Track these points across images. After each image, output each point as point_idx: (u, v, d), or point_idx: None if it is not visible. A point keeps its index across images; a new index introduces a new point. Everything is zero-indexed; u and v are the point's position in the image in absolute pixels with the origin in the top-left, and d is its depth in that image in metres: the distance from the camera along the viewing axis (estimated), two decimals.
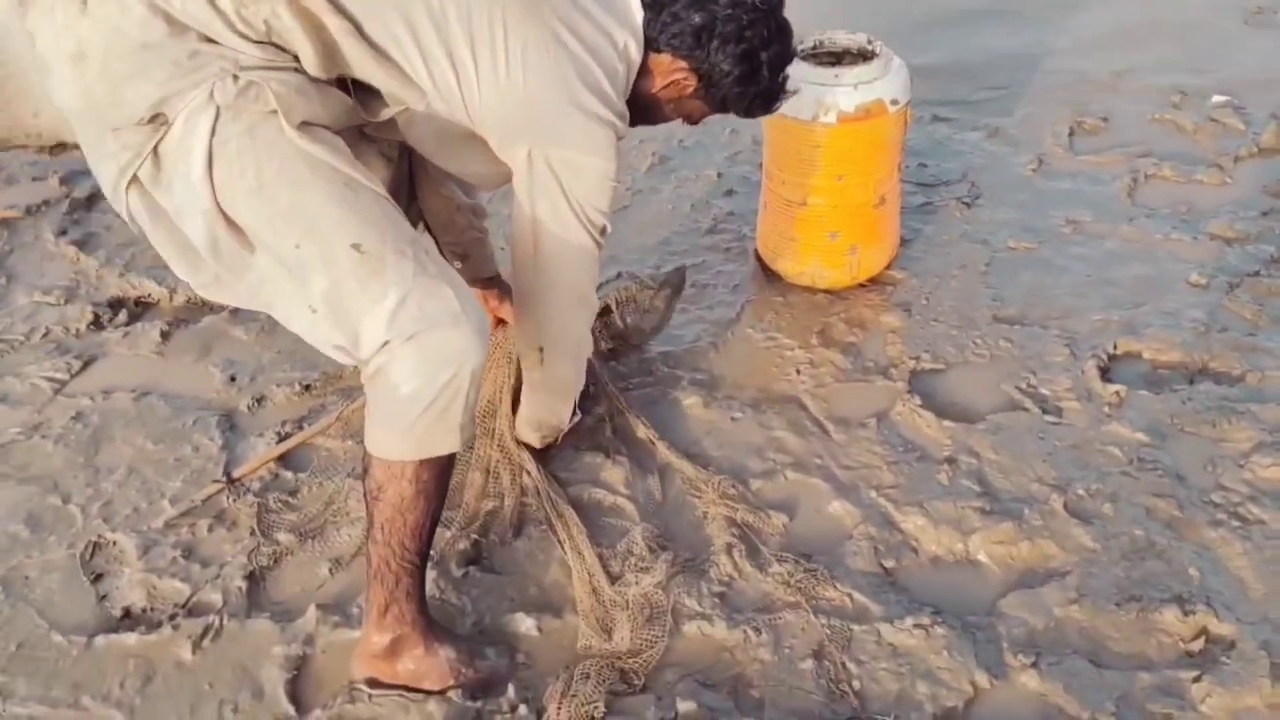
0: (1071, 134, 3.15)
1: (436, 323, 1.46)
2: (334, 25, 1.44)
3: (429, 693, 1.64)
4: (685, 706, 1.62)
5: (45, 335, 2.49)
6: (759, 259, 2.63)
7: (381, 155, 1.80)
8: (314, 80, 1.49)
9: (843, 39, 2.40)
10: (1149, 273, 2.55)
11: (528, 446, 2.06)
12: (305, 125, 1.46)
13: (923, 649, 1.70)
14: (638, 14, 1.68)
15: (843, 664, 1.69)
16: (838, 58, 2.39)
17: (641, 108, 1.75)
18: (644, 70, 1.72)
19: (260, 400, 2.28)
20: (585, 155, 1.64)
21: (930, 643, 1.71)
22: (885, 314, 2.45)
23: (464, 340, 1.48)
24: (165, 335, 2.48)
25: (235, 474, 2.08)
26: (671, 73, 1.73)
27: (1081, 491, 1.97)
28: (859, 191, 2.37)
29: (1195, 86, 3.36)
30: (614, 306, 2.28)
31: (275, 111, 1.43)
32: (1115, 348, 2.32)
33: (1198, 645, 1.71)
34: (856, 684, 1.67)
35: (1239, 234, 2.67)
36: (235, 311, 2.51)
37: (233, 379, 2.34)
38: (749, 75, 1.73)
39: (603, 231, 1.75)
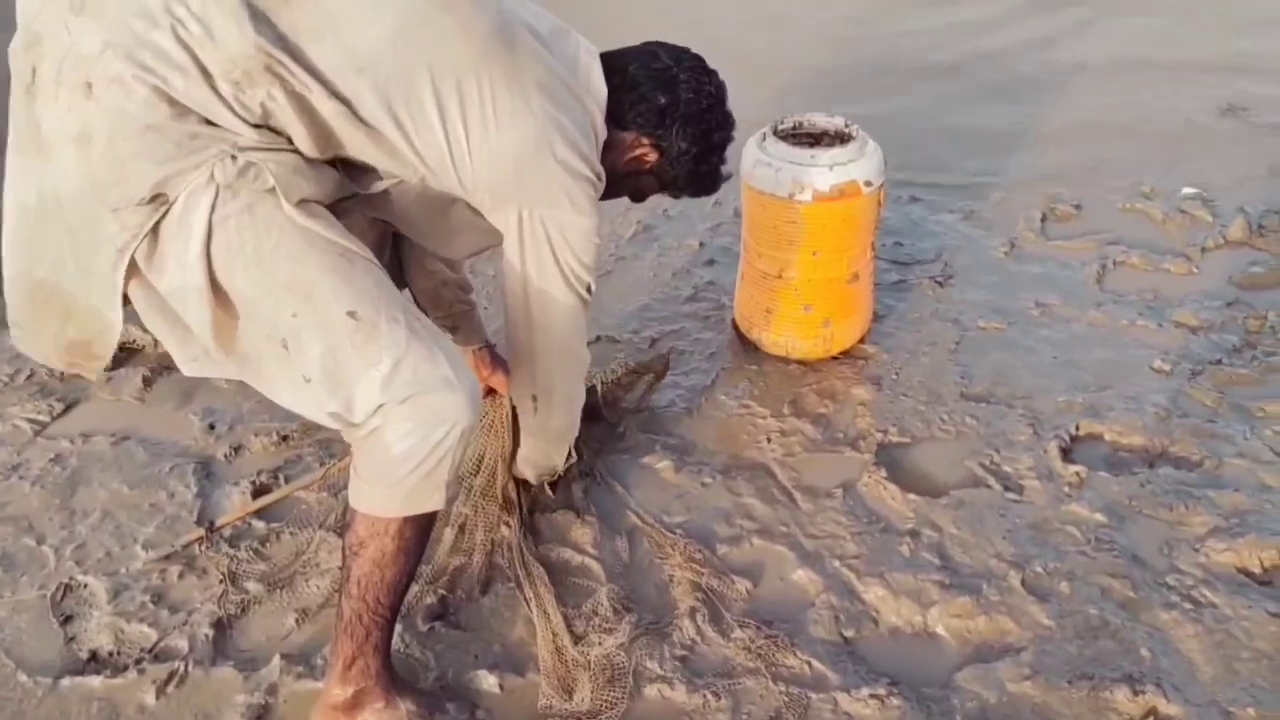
0: (1044, 220, 3.24)
1: (430, 386, 1.51)
2: (326, 109, 1.49)
3: None
4: None
5: (29, 377, 2.53)
6: (736, 328, 2.69)
7: (369, 222, 1.85)
8: (308, 159, 1.53)
9: (821, 121, 2.49)
10: (1114, 357, 2.62)
11: (520, 482, 2.15)
12: (301, 202, 1.51)
13: (877, 718, 1.73)
14: (602, 91, 1.77)
15: None
16: (816, 139, 2.48)
17: (608, 182, 1.83)
18: (610, 145, 1.81)
19: (237, 449, 2.31)
20: (571, 213, 1.72)
21: (885, 713, 1.74)
22: (856, 387, 2.51)
23: (458, 402, 1.53)
24: (147, 381, 2.52)
25: (217, 523, 2.10)
26: (635, 148, 1.85)
27: (1039, 569, 2.01)
28: (833, 267, 2.44)
29: (1166, 179, 3.47)
30: (599, 388, 2.33)
31: (273, 190, 1.47)
32: (1077, 429, 2.38)
33: None
34: None
35: (1203, 323, 2.74)
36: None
37: (211, 427, 2.38)
38: (703, 154, 1.89)
39: (588, 289, 1.83)
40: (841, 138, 2.45)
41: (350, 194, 1.66)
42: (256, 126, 1.47)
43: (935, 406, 2.44)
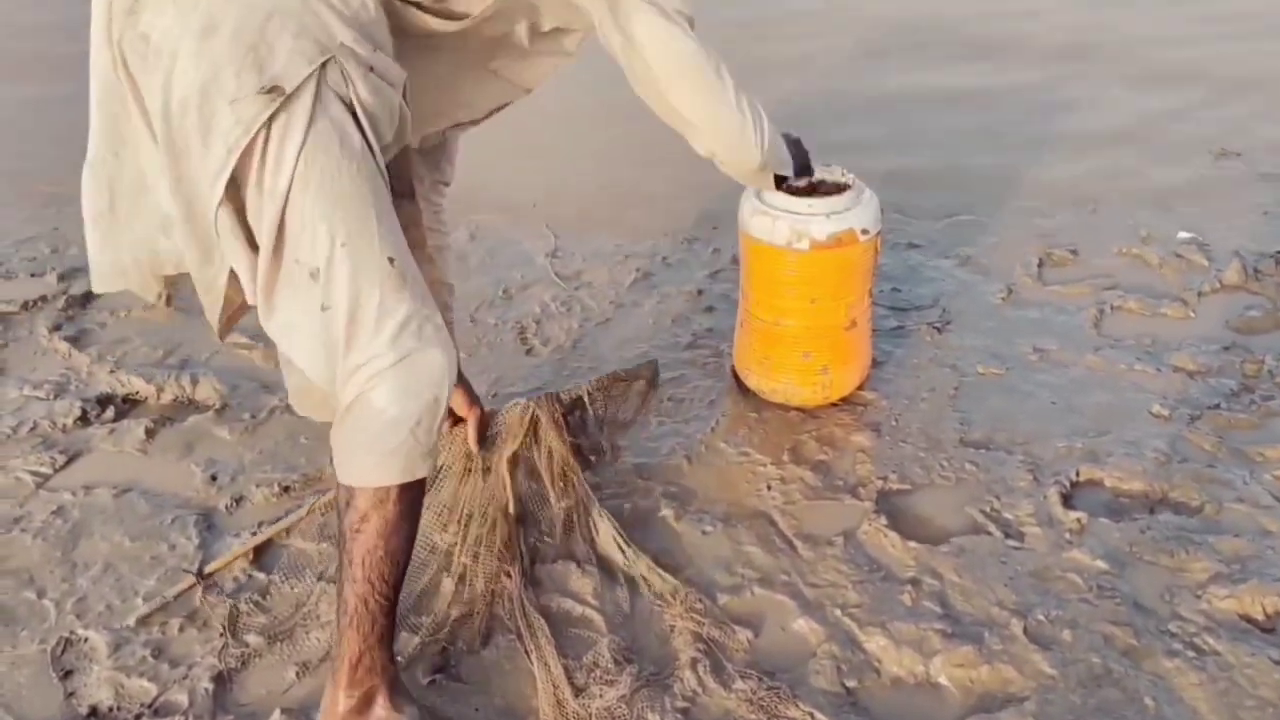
0: (1041, 264, 3.26)
1: (428, 343, 1.57)
2: None
3: None
4: None
5: (33, 429, 2.54)
6: (735, 375, 2.70)
7: None
8: (386, 80, 1.59)
9: (819, 170, 2.52)
10: (1113, 402, 2.63)
11: (520, 530, 2.17)
12: (372, 157, 1.58)
13: None
14: None
15: None
16: (813, 188, 2.50)
17: None
18: None
19: (239, 500, 2.31)
20: None
21: None
22: (856, 433, 2.52)
23: (445, 365, 1.59)
24: (150, 433, 2.53)
25: (207, 569, 2.10)
26: None
27: (1041, 617, 2.01)
28: (831, 314, 2.45)
29: (1162, 222, 3.50)
30: (586, 397, 2.35)
31: (358, 119, 1.55)
32: (1078, 475, 2.38)
33: None
34: None
35: (1201, 367, 2.75)
36: (220, 411, 2.57)
37: (213, 478, 2.38)
38: None
39: (691, 23, 1.84)
40: (838, 187, 2.47)
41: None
42: None
43: (935, 453, 2.45)
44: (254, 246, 1.56)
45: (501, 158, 1.66)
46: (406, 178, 2.12)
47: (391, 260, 1.56)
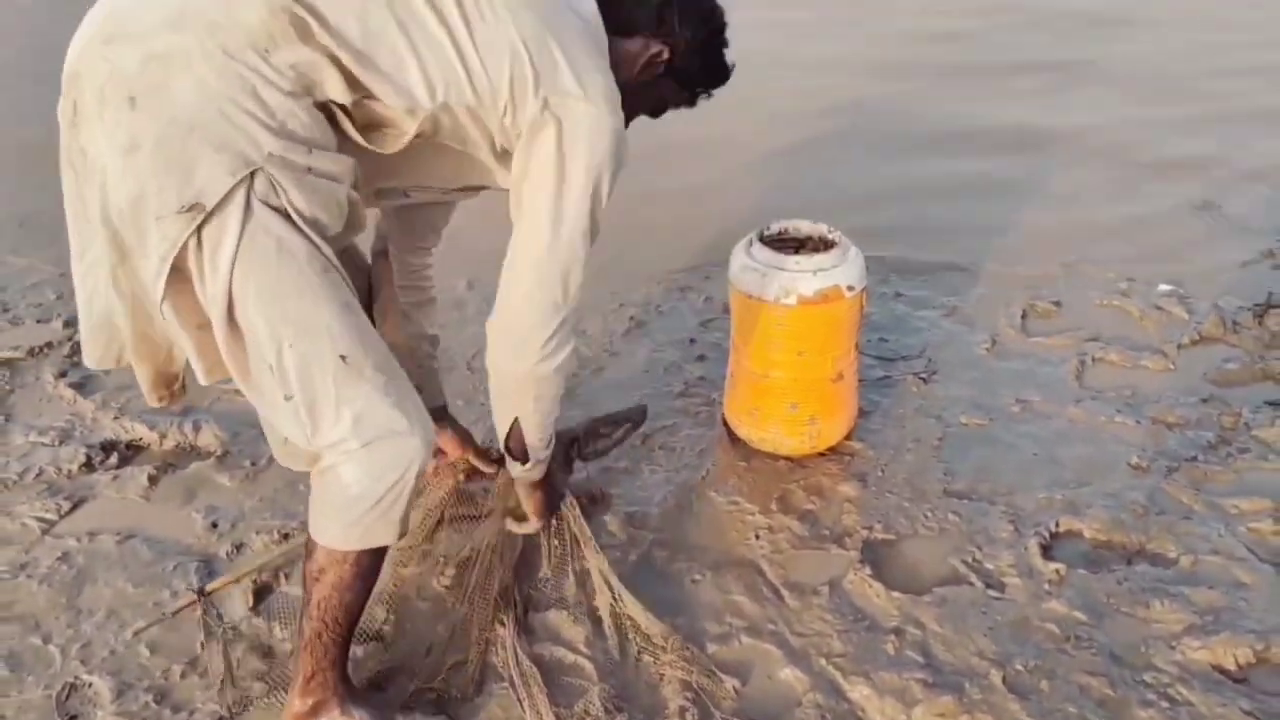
0: (1024, 316, 3.34)
1: (393, 431, 1.65)
2: (344, 55, 1.56)
3: None
4: None
5: (38, 475, 2.59)
6: (725, 424, 2.77)
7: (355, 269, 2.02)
8: (329, 178, 1.61)
9: (805, 228, 2.61)
10: (1093, 454, 2.70)
11: (516, 580, 2.24)
12: (318, 251, 1.61)
13: None
14: (592, 6, 1.82)
15: None
16: (800, 244, 2.59)
17: (625, 96, 1.82)
18: (619, 59, 1.83)
19: (239, 547, 2.37)
20: (591, 106, 1.69)
21: None
22: (842, 483, 2.58)
23: (413, 449, 1.67)
24: (153, 480, 2.59)
25: (207, 588, 2.20)
26: (645, 51, 1.88)
27: (1020, 667, 2.07)
28: (818, 367, 2.53)
29: (1143, 275, 3.58)
30: (580, 438, 2.43)
31: (297, 226, 1.58)
32: (1057, 526, 2.45)
33: None
34: None
35: (1180, 419, 2.83)
36: (222, 458, 2.63)
37: (214, 525, 2.44)
38: (710, 40, 1.94)
39: (595, 233, 1.79)
40: (825, 243, 2.55)
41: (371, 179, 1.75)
42: (296, 96, 1.55)
43: (919, 503, 2.51)
44: (204, 328, 1.63)
45: (499, 205, 1.71)
46: (381, 235, 2.22)
47: (344, 358, 1.61)
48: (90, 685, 2.03)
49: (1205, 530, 2.43)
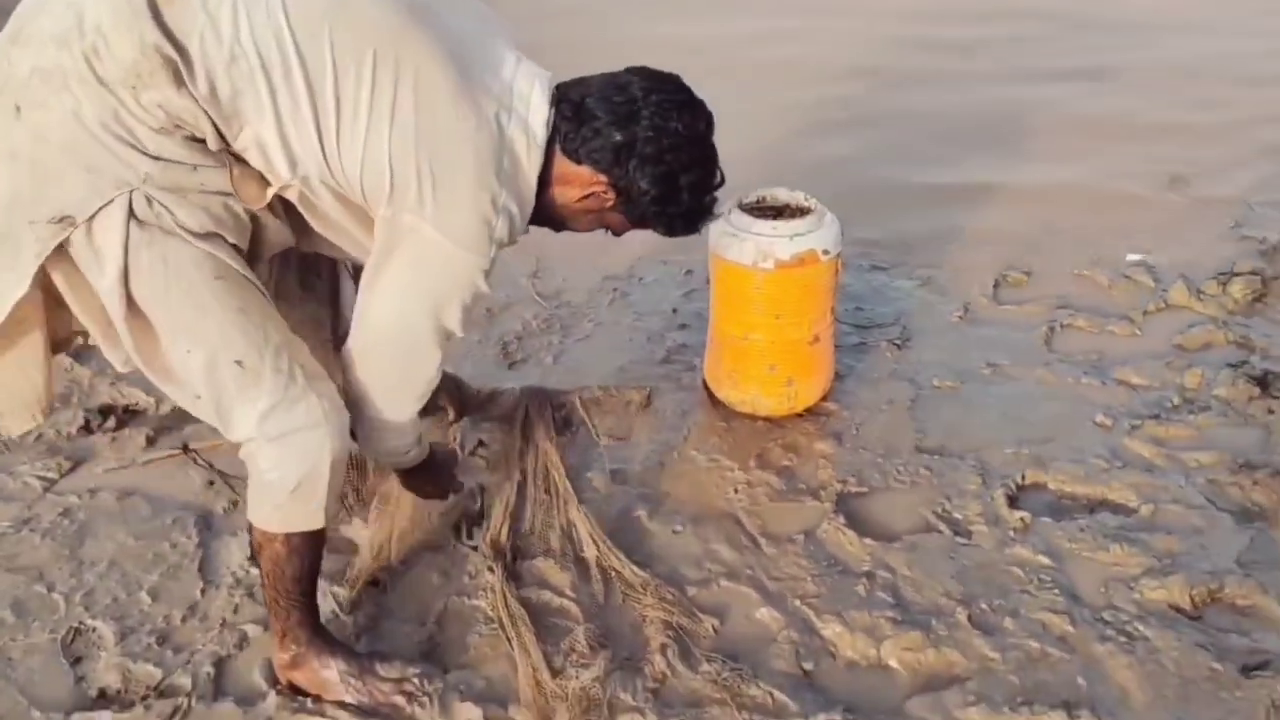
0: (997, 286, 3.44)
1: (297, 427, 1.74)
2: (210, 107, 1.58)
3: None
4: None
5: (38, 438, 2.67)
6: (706, 388, 2.86)
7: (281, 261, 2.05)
8: (214, 194, 1.65)
9: (783, 195, 2.70)
10: (1059, 412, 2.80)
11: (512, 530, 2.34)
12: (212, 257, 1.66)
13: None
14: (538, 114, 1.73)
15: None
16: (778, 211, 2.68)
17: (560, 215, 1.88)
18: (562, 179, 1.80)
19: (235, 503, 2.45)
20: (448, 242, 1.69)
21: None
22: (818, 441, 2.68)
23: (320, 440, 1.75)
24: (150, 440, 2.66)
25: (191, 446, 2.46)
26: (591, 185, 1.81)
27: (985, 606, 2.17)
28: (795, 330, 2.62)
29: (1113, 246, 3.68)
30: (577, 406, 2.53)
31: (186, 240, 1.63)
32: (1024, 478, 2.55)
33: None
34: None
35: (1144, 381, 2.93)
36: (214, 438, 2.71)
37: (211, 483, 2.52)
38: (668, 196, 1.81)
39: (443, 339, 1.80)
40: (801, 210, 2.65)
41: (247, 225, 1.74)
42: (166, 133, 1.58)
43: (892, 459, 2.61)
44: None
45: None
46: None
47: (239, 363, 1.68)
48: (94, 630, 2.11)
49: (1166, 482, 2.53)
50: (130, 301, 1.65)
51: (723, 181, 1.92)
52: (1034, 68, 5.52)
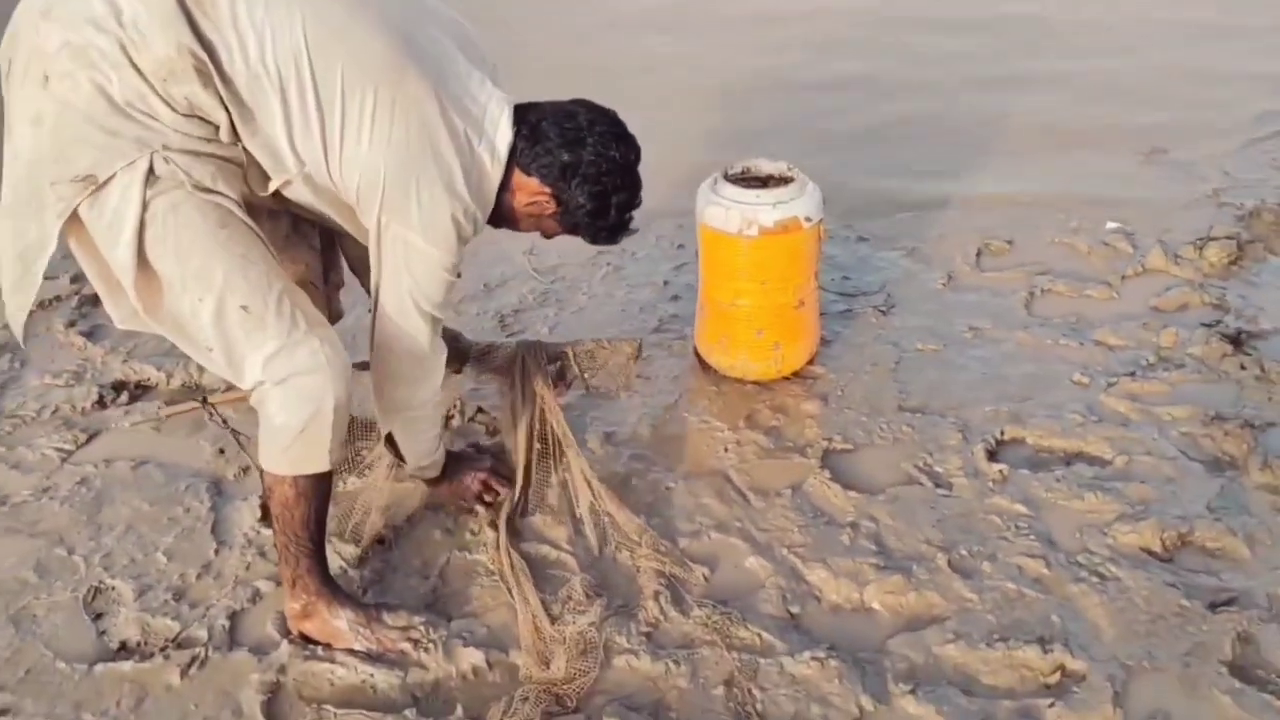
0: (979, 254, 3.53)
1: (301, 370, 1.86)
2: (234, 108, 1.79)
3: (354, 652, 2.04)
4: None
5: (54, 412, 2.78)
6: (697, 354, 2.96)
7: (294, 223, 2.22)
8: (225, 160, 1.84)
9: (766, 166, 2.79)
10: (1038, 372, 2.89)
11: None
12: (219, 207, 1.83)
13: (818, 678, 1.98)
14: (504, 138, 1.98)
15: (749, 691, 1.96)
16: (763, 181, 2.77)
17: (507, 217, 2.11)
18: (513, 186, 2.04)
19: (246, 470, 2.55)
20: (423, 243, 1.93)
21: (825, 673, 1.98)
22: (805, 402, 2.78)
23: (323, 382, 1.88)
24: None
25: (210, 398, 2.66)
26: (536, 194, 2.05)
27: (964, 552, 2.27)
28: (780, 294, 2.72)
29: (1092, 215, 3.76)
30: (571, 357, 2.66)
31: (194, 189, 1.79)
32: (1003, 434, 2.65)
33: (1054, 679, 1.99)
34: (760, 707, 1.93)
35: (1121, 341, 3.02)
36: (227, 390, 2.81)
37: (221, 451, 2.62)
38: (599, 211, 2.08)
39: (431, 318, 2.04)
40: (784, 179, 2.74)
41: (256, 197, 1.95)
42: (186, 116, 1.77)
43: (875, 417, 2.71)
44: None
45: None
46: None
47: (245, 308, 1.83)
48: (114, 588, 2.22)
49: (1140, 434, 2.62)
50: (142, 257, 1.79)
51: (640, 204, 2.17)
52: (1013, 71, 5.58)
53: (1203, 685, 1.96)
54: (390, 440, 2.23)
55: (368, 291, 2.19)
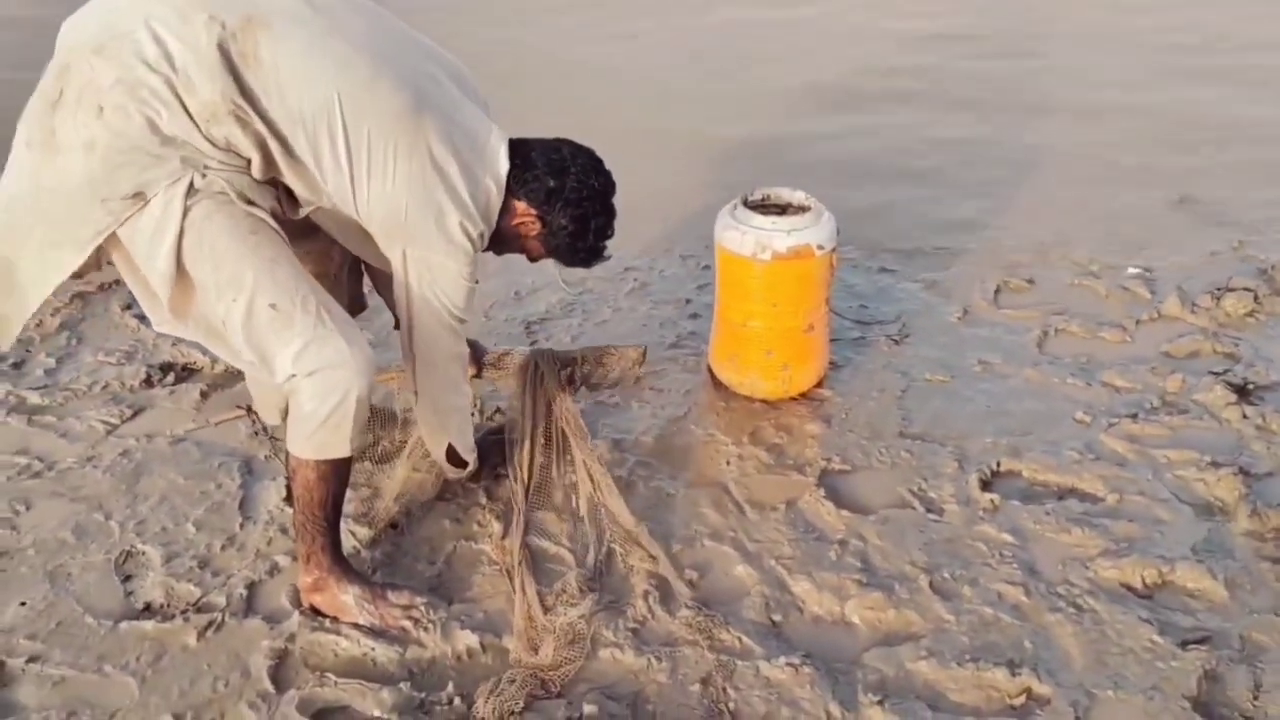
0: (998, 291, 3.61)
1: (328, 363, 2.03)
2: (272, 146, 2.01)
3: (360, 628, 2.17)
4: (590, 710, 1.99)
5: (104, 388, 2.97)
6: (710, 371, 3.08)
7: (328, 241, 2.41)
8: (257, 182, 2.06)
9: (785, 194, 2.91)
10: (1041, 408, 2.97)
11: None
12: (250, 215, 2.03)
13: (791, 683, 2.08)
14: (503, 169, 2.19)
15: (724, 690, 2.07)
16: (781, 209, 2.89)
17: (501, 236, 2.29)
18: (506, 209, 2.24)
19: (275, 452, 2.72)
20: (444, 258, 2.16)
21: (798, 678, 2.08)
22: (809, 423, 2.88)
23: (349, 375, 2.03)
24: (204, 395, 2.95)
25: (253, 406, 2.80)
26: (523, 216, 2.27)
27: (947, 575, 2.36)
28: (790, 318, 2.83)
29: (1116, 260, 3.83)
30: (579, 361, 2.84)
31: (230, 200, 2.00)
32: (999, 465, 2.73)
33: (1020, 700, 2.07)
34: (733, 706, 2.03)
35: (1127, 384, 3.08)
36: None
37: (255, 433, 2.79)
38: (579, 234, 2.30)
39: (459, 320, 2.25)
40: (801, 208, 2.86)
41: (286, 218, 2.16)
42: (223, 150, 1.99)
43: (876, 442, 2.81)
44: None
45: None
46: None
47: (273, 306, 2.00)
48: (144, 553, 2.38)
49: (1135, 475, 2.69)
50: (180, 266, 1.99)
51: (613, 234, 2.38)
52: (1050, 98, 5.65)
53: (1164, 718, 2.02)
54: (447, 454, 2.43)
55: (378, 291, 2.36)
